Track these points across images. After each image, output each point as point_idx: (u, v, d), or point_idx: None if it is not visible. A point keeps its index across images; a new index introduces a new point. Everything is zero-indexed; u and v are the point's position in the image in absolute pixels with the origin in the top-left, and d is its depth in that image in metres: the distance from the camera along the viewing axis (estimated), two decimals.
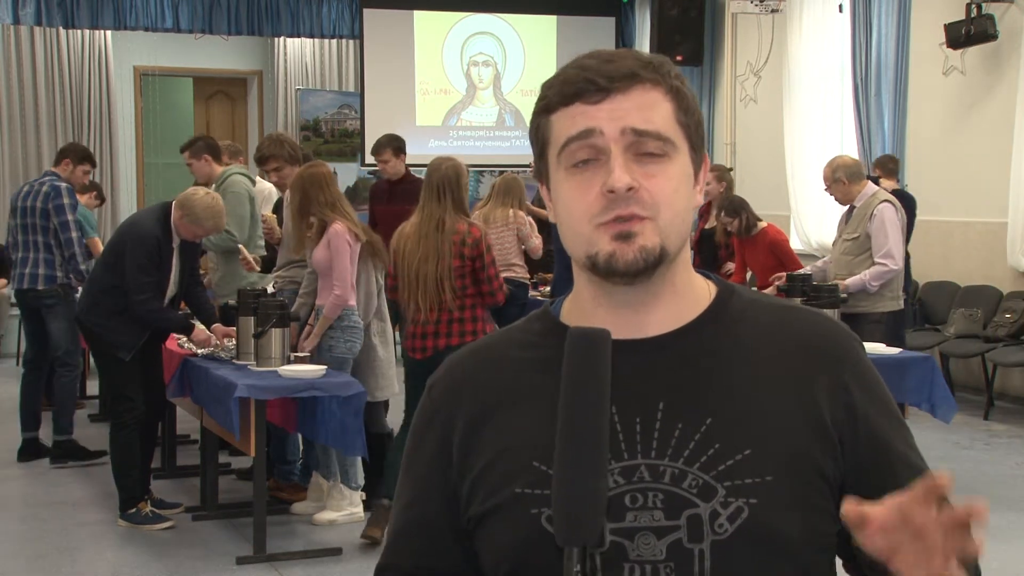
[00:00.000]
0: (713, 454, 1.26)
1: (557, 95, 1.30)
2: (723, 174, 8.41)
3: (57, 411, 7.05)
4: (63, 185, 7.07)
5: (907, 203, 9.78)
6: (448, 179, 5.28)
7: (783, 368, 1.32)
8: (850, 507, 1.13)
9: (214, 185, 6.70)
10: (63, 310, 7.00)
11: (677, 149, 1.29)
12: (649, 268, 1.28)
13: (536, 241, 8.23)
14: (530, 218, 8.34)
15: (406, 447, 1.44)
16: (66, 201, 7.00)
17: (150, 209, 5.77)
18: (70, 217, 6.99)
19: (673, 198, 1.28)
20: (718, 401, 1.29)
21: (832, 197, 6.82)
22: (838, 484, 1.31)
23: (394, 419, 5.98)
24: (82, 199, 7.86)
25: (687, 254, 1.35)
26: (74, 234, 7.00)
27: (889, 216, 6.53)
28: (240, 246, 6.56)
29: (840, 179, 6.62)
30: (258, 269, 6.55)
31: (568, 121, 1.29)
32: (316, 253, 5.55)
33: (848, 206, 6.69)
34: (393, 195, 7.67)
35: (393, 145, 7.70)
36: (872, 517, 1.12)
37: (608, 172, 1.26)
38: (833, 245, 6.89)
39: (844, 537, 1.31)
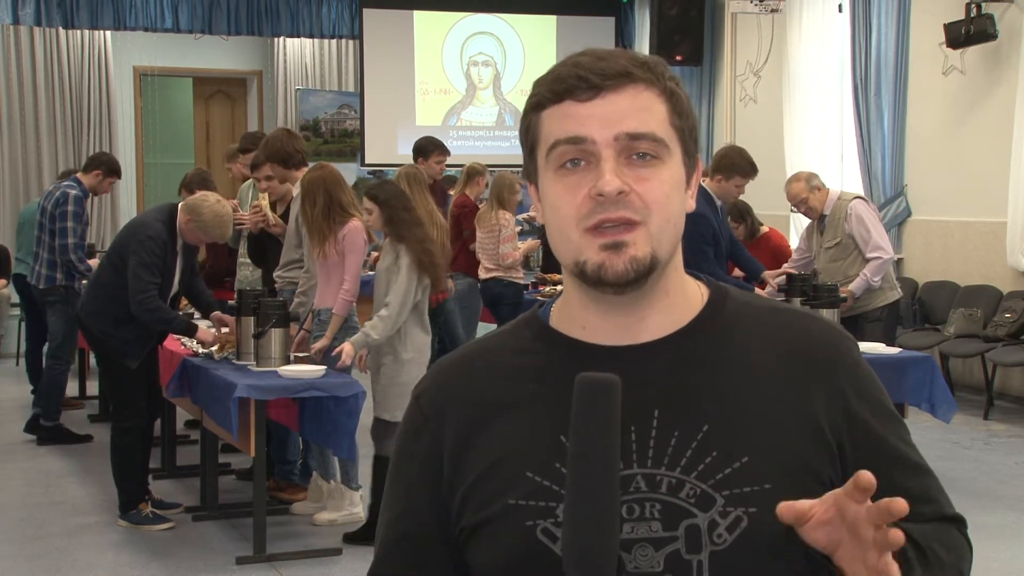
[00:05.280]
0: (711, 462, 1.24)
1: (548, 92, 1.26)
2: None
3: (44, 400, 7.57)
4: (73, 193, 7.45)
5: None
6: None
7: (778, 373, 1.29)
8: (785, 506, 1.14)
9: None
10: (63, 308, 7.48)
11: (670, 152, 1.26)
12: (640, 278, 1.25)
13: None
14: (517, 215, 8.24)
15: (393, 457, 1.39)
16: (70, 209, 7.38)
17: (156, 210, 5.73)
18: (70, 224, 7.36)
19: (665, 203, 1.25)
20: (714, 408, 1.26)
21: (801, 212, 6.94)
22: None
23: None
24: None
25: (679, 259, 1.32)
26: (70, 241, 7.35)
27: (864, 210, 6.73)
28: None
29: (817, 186, 6.79)
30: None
31: (558, 121, 1.25)
32: (329, 251, 5.55)
33: (818, 216, 6.81)
34: (434, 192, 7.73)
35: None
36: (808, 513, 1.14)
37: (598, 175, 1.23)
38: (815, 257, 6.93)
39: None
